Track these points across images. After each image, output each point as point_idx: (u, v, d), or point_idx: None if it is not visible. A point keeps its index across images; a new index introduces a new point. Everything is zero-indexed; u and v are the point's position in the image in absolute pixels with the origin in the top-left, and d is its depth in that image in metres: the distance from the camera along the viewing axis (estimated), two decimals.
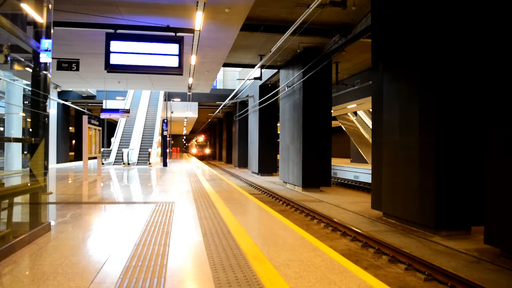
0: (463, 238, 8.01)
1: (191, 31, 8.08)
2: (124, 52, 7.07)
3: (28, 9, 4.45)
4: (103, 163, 19.68)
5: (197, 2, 7.22)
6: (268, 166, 26.53)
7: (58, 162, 22.61)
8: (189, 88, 17.60)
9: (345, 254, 6.72)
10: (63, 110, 26.28)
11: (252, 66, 18.93)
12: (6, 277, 2.94)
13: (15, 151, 5.71)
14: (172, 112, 30.87)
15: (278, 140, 23.32)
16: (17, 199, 4.36)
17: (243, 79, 22.95)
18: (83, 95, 28.72)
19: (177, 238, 4.23)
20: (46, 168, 4.56)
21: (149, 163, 21.84)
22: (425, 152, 8.45)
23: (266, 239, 4.26)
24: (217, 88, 39.26)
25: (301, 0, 10.78)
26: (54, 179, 11.89)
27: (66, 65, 11.14)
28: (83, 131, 11.84)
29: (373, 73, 10.83)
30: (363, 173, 21.31)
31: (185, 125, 45.60)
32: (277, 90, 21.16)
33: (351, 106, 24.70)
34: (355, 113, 29.71)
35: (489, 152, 6.80)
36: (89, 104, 31.62)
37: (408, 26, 9.17)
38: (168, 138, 24.11)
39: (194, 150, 60.79)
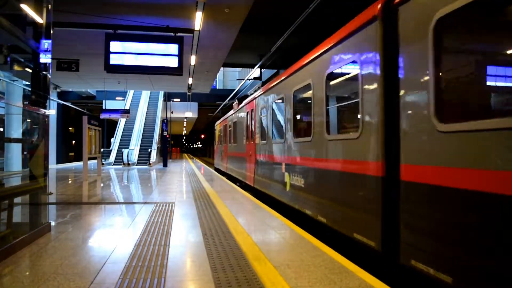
0: None
1: (191, 31, 8.09)
2: (124, 52, 7.08)
3: (28, 10, 4.45)
4: (103, 163, 19.69)
5: (197, 2, 7.23)
6: None
7: (58, 162, 22.62)
8: (189, 88, 17.61)
9: None
10: (63, 111, 26.27)
11: (252, 66, 18.94)
12: (6, 278, 2.94)
13: (15, 151, 5.71)
14: (172, 112, 30.87)
15: None
16: (17, 199, 4.37)
17: (243, 79, 22.95)
18: (82, 96, 28.72)
19: (177, 238, 4.23)
20: (46, 168, 4.56)
21: (149, 163, 21.85)
22: None
23: (266, 239, 4.26)
24: (217, 88, 39.29)
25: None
26: (54, 180, 11.89)
27: (66, 65, 11.17)
28: (83, 132, 11.84)
29: None
30: None
31: (185, 125, 45.61)
32: None
33: None
34: None
35: None
36: (89, 105, 31.64)
37: None
38: (168, 138, 24.10)
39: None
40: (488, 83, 2.84)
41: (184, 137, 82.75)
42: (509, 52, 2.68)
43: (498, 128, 2.40)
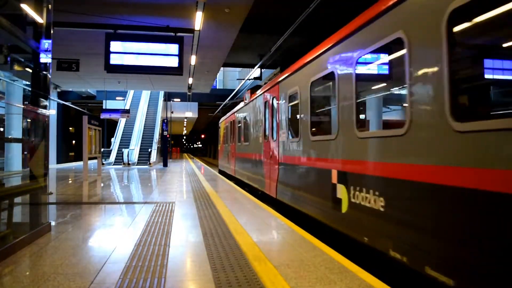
0: None
1: (191, 31, 8.09)
2: (124, 52, 7.08)
3: (28, 10, 4.45)
4: (103, 163, 19.70)
5: (197, 2, 7.23)
6: None
7: (58, 162, 22.63)
8: (189, 88, 17.62)
9: None
10: (63, 111, 26.29)
11: (252, 66, 18.93)
12: (7, 278, 2.94)
13: (15, 151, 5.73)
14: (172, 112, 30.88)
15: None
16: (18, 199, 4.37)
17: (243, 79, 22.95)
18: (83, 96, 28.73)
19: (177, 238, 4.23)
20: (46, 168, 4.56)
21: (149, 163, 21.86)
22: None
23: (266, 239, 4.26)
24: (217, 88, 39.28)
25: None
26: (54, 179, 11.89)
27: (66, 65, 11.18)
28: (83, 132, 11.84)
29: None
30: None
31: (185, 125, 45.62)
32: None
33: None
34: None
35: None
36: (89, 105, 31.64)
37: None
38: (168, 138, 24.12)
39: None
40: None
41: (184, 137, 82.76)
42: None
43: None
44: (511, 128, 2.28)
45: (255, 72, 18.74)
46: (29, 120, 4.67)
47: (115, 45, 7.03)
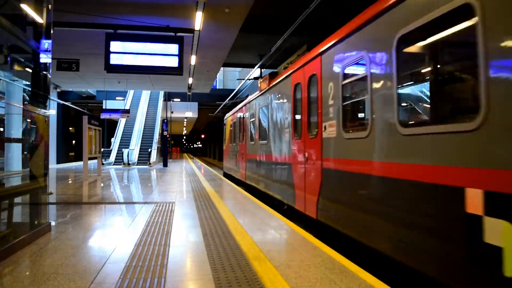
0: None
1: (191, 31, 8.09)
2: (124, 52, 7.08)
3: (28, 10, 4.45)
4: (103, 163, 19.69)
5: (197, 2, 7.23)
6: None
7: (58, 162, 22.63)
8: (189, 88, 17.63)
9: None
10: (63, 111, 26.28)
11: (252, 66, 18.93)
12: (7, 278, 2.94)
13: (15, 151, 5.73)
14: (172, 112, 30.87)
15: None
16: (18, 199, 4.37)
17: (243, 79, 22.94)
18: (83, 96, 28.72)
19: (177, 238, 4.22)
20: (46, 168, 4.56)
21: (149, 163, 21.86)
22: None
23: (266, 239, 4.26)
24: (217, 88, 39.29)
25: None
26: (54, 179, 11.89)
27: (66, 65, 11.18)
28: (83, 132, 11.84)
29: None
30: None
31: (185, 125, 45.62)
32: None
33: None
34: None
35: None
36: (89, 105, 31.63)
37: None
38: (168, 138, 24.12)
39: None
40: None
41: (184, 137, 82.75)
42: None
43: None
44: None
45: (255, 72, 18.72)
46: (29, 120, 4.67)
47: (115, 45, 7.03)
